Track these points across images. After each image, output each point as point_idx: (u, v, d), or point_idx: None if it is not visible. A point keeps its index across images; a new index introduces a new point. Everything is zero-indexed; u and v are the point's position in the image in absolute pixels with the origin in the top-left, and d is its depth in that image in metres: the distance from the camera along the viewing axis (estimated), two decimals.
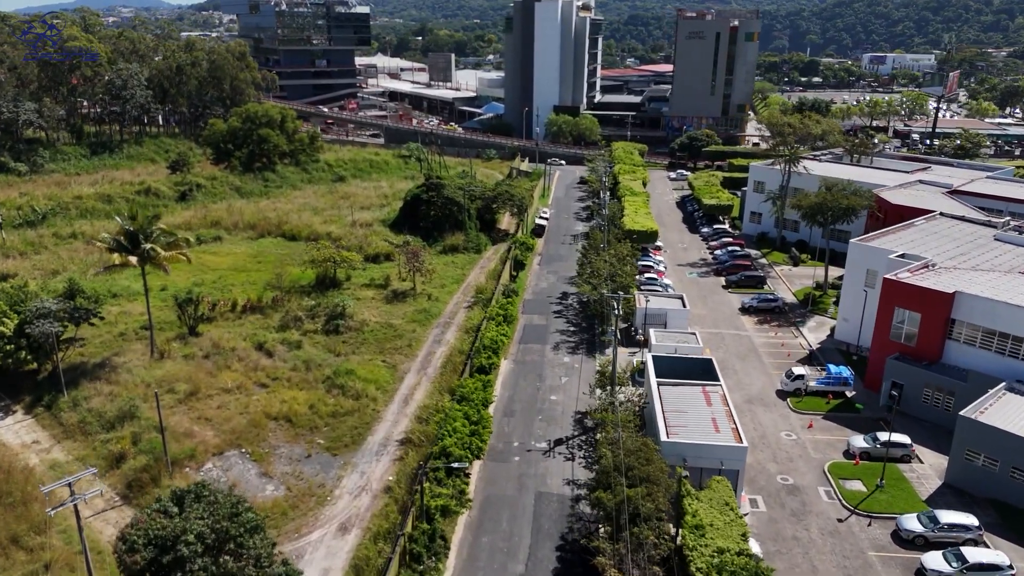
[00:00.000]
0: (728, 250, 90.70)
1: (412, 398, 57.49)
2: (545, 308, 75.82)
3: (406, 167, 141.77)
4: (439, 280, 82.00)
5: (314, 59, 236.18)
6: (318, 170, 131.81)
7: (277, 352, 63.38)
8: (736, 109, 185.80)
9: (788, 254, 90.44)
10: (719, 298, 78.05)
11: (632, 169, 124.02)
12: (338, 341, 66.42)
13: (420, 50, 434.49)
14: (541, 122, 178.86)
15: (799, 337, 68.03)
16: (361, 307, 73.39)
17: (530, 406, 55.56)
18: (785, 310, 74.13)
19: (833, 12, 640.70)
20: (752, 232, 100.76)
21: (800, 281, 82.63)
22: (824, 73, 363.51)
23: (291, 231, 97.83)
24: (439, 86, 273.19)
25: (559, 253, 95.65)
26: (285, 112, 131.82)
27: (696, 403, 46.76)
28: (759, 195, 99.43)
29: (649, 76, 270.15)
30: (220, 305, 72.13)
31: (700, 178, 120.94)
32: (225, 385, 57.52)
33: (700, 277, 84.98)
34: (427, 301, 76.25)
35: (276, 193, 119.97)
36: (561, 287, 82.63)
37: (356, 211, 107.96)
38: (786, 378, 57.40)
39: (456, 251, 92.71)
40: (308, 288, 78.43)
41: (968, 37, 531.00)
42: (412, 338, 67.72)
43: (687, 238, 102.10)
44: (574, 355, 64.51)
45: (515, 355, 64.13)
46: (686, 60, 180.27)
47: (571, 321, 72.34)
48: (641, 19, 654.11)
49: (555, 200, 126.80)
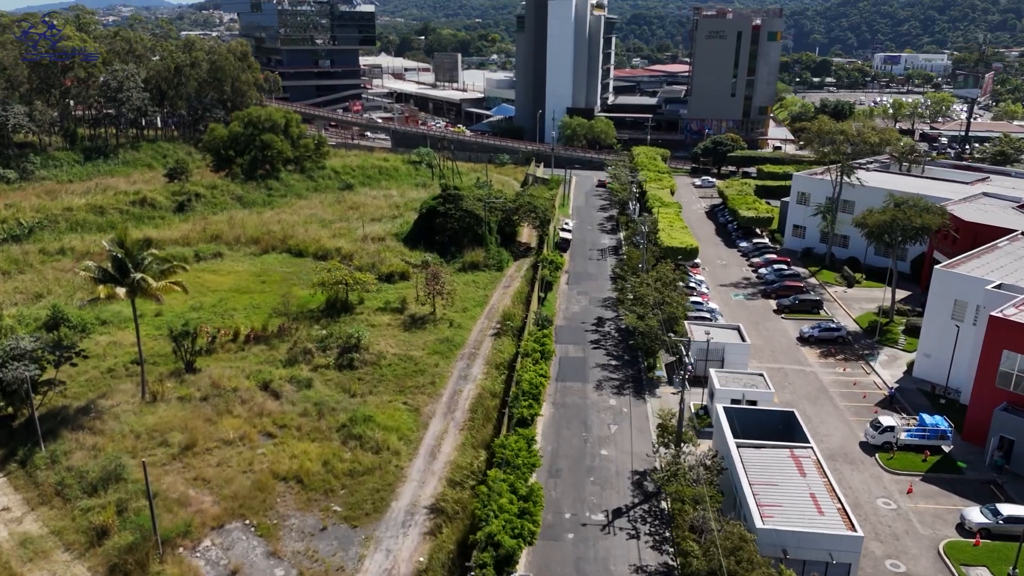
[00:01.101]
0: (774, 268, 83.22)
1: (440, 450, 50.06)
2: (580, 337, 68.37)
3: (416, 174, 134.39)
4: (460, 302, 74.61)
5: (317, 59, 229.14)
6: (324, 177, 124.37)
7: (285, 393, 55.98)
8: (758, 112, 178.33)
9: (840, 273, 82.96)
10: (772, 325, 70.62)
11: (658, 177, 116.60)
12: (353, 378, 59.05)
13: (423, 50, 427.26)
14: (554, 125, 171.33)
15: (872, 374, 60.57)
16: (377, 336, 66.01)
17: (578, 463, 48.10)
18: (849, 340, 66.67)
19: (837, 11, 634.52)
20: (795, 247, 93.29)
21: (858, 305, 75.18)
22: (837, 73, 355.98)
23: (297, 246, 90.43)
24: (445, 87, 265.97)
25: (587, 271, 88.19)
26: (289, 116, 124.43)
27: (787, 472, 39.32)
28: (803, 207, 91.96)
29: (661, 76, 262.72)
30: (221, 335, 64.74)
31: (732, 186, 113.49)
32: (226, 436, 50.11)
33: (747, 299, 77.50)
34: (449, 328, 68.86)
35: (280, 203, 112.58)
36: (594, 311, 75.17)
37: (367, 223, 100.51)
38: (872, 429, 49.95)
39: (476, 268, 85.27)
40: (317, 313, 71.06)
41: (975, 37, 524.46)
42: (435, 374, 60.33)
43: (724, 253, 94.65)
44: (620, 396, 57.07)
45: (553, 396, 56.70)
46: (705, 60, 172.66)
47: (611, 353, 64.89)
48: (644, 18, 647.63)
49: (575, 209, 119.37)
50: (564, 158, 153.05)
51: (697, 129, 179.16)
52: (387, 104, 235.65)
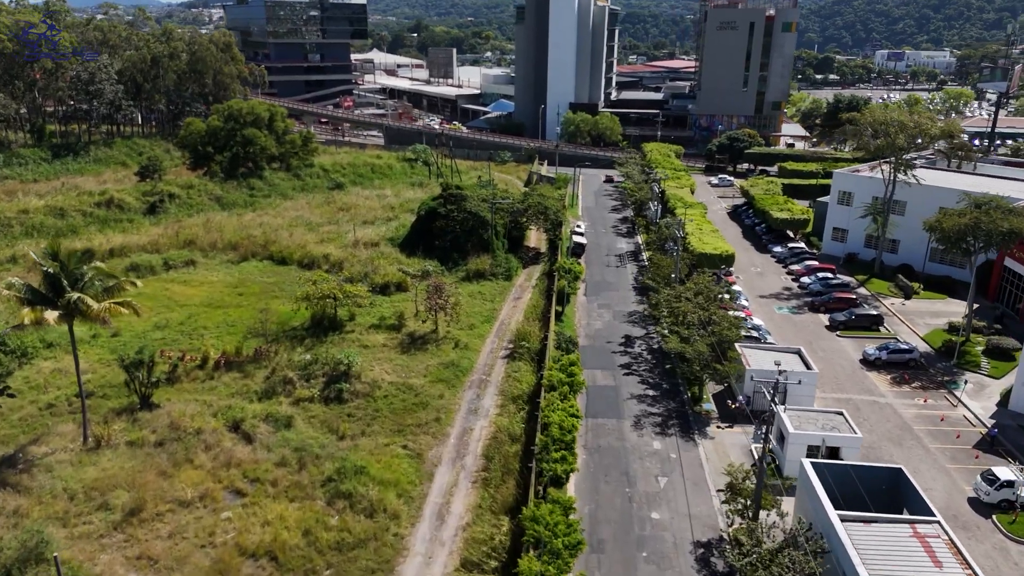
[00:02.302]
0: (819, 277, 73.76)
1: (449, 511, 40.32)
2: (608, 360, 58.70)
3: (412, 172, 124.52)
4: (466, 318, 64.90)
5: (307, 54, 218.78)
6: (312, 176, 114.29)
7: (259, 435, 46.12)
8: (771, 107, 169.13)
9: (894, 283, 73.61)
10: (828, 345, 61.13)
11: (676, 175, 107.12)
12: (342, 414, 49.29)
13: (416, 47, 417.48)
14: (558, 121, 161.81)
15: (959, 406, 51.13)
16: (370, 359, 56.27)
17: (624, 532, 38.39)
18: (923, 364, 57.27)
19: (832, 10, 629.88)
20: (835, 252, 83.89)
21: (922, 321, 65.83)
22: (840, 71, 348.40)
23: (280, 253, 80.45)
24: (440, 83, 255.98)
25: (606, 279, 78.54)
26: (274, 110, 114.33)
27: (915, 560, 29.77)
28: (845, 208, 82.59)
29: (663, 72, 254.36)
30: (185, 360, 54.81)
31: (757, 185, 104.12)
32: (183, 495, 40.26)
33: (793, 314, 68.01)
34: (454, 349, 59.15)
35: (263, 203, 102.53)
36: (620, 327, 65.53)
37: (358, 226, 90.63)
38: (985, 484, 40.52)
39: (482, 277, 75.51)
40: (301, 332, 61.24)
41: (971, 35, 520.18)
42: (440, 408, 50.57)
43: (757, 260, 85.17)
44: (664, 437, 47.40)
45: (584, 437, 46.99)
46: (716, 53, 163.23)
47: (646, 380, 55.24)
48: (638, 17, 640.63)
49: (585, 210, 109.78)
50: (568, 155, 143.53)
51: (707, 125, 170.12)
52: (379, 100, 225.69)
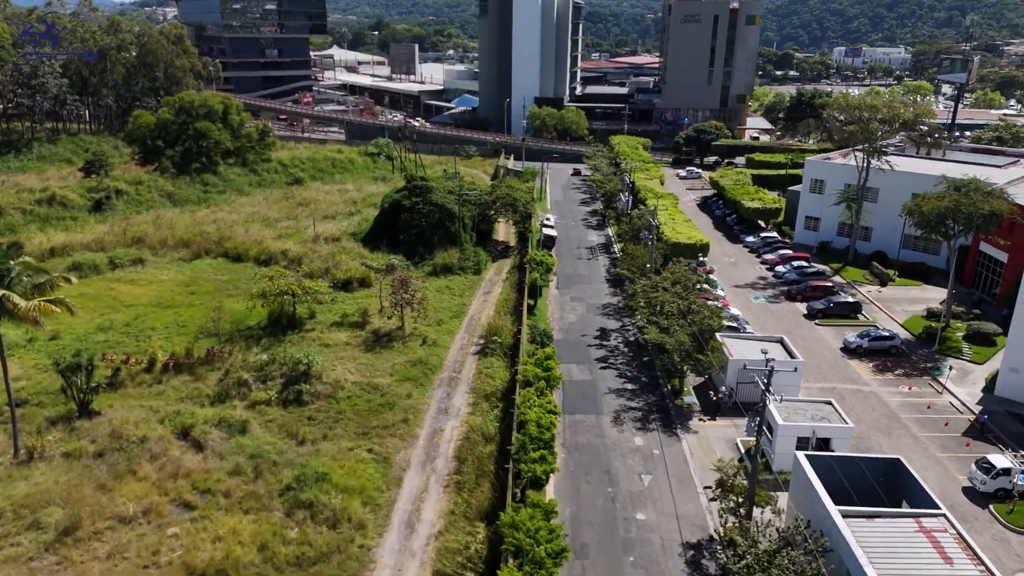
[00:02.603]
0: (794, 266, 72.34)
1: (419, 518, 37.30)
2: (583, 354, 56.17)
3: (375, 166, 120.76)
4: (433, 313, 61.83)
5: (264, 48, 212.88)
6: (270, 171, 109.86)
7: (211, 442, 42.50)
8: (736, 100, 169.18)
9: (868, 270, 72.53)
10: (808, 334, 59.49)
11: (645, 167, 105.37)
12: (302, 417, 45.91)
13: (377, 44, 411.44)
14: (524, 114, 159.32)
15: (944, 393, 49.74)
16: (332, 358, 52.91)
17: (608, 535, 35.79)
18: (904, 351, 55.92)
19: (789, 9, 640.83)
20: (808, 241, 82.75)
21: (900, 308, 64.69)
22: (800, 67, 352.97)
23: (236, 249, 76.32)
24: (402, 79, 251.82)
25: (578, 272, 76.12)
26: (229, 102, 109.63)
27: (924, 557, 27.71)
28: (817, 196, 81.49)
29: (627, 68, 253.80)
30: (130, 364, 50.78)
31: (727, 176, 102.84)
32: (124, 510, 36.55)
33: (770, 303, 66.37)
34: (422, 346, 56.06)
35: (218, 200, 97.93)
36: (594, 320, 63.12)
37: (318, 222, 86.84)
38: (979, 472, 38.92)
39: (450, 272, 72.50)
40: (257, 332, 57.57)
41: (923, 33, 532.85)
42: (407, 408, 47.48)
43: (730, 250, 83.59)
44: (646, 432, 44.99)
45: (562, 435, 44.33)
46: (680, 47, 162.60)
47: (624, 374, 52.83)
48: (599, 16, 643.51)
49: (554, 204, 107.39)
50: (534, 150, 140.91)
51: (673, 119, 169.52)
52: (340, 97, 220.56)
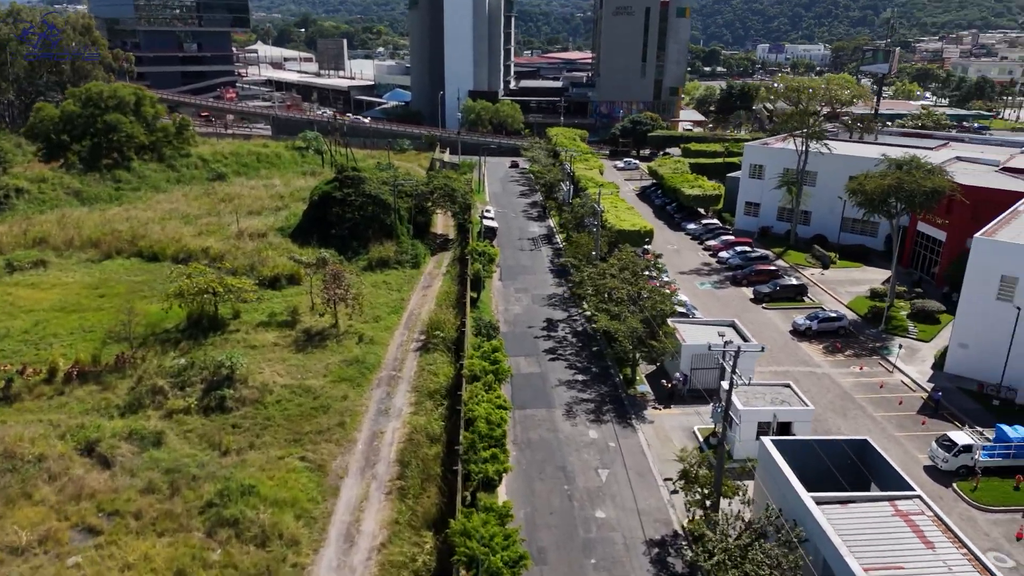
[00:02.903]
0: (737, 251, 71.55)
1: (360, 530, 33.86)
2: (531, 345, 53.49)
3: (303, 161, 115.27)
4: (370, 309, 58.13)
5: (182, 43, 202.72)
6: (189, 167, 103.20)
7: (120, 457, 37.92)
8: (669, 92, 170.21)
9: (810, 253, 72.37)
10: (756, 317, 58.39)
11: (584, 157, 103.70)
12: (225, 425, 41.71)
13: (304, 42, 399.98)
14: (459, 106, 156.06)
15: (895, 372, 49.14)
16: (259, 361, 48.74)
17: (567, 536, 33.13)
18: (852, 331, 55.36)
19: (712, 9, 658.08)
20: (749, 227, 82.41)
21: (844, 289, 64.47)
22: (727, 63, 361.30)
23: (151, 248, 70.51)
24: (331, 75, 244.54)
25: (521, 263, 73.50)
26: (141, 93, 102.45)
27: (906, 543, 26.02)
28: (757, 181, 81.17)
29: (560, 63, 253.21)
30: (27, 374, 45.36)
31: (665, 165, 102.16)
32: (16, 539, 31.84)
33: (716, 288, 65.17)
34: (358, 345, 52.35)
35: (132, 197, 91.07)
36: (540, 311, 60.57)
37: (243, 217, 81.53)
38: (941, 450, 37.98)
39: (387, 266, 68.76)
40: (175, 335, 52.72)
41: (839, 31, 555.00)
42: (344, 410, 43.82)
43: (671, 238, 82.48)
44: (600, 424, 42.60)
45: (512, 431, 41.49)
46: (613, 39, 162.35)
47: (574, 365, 50.39)
48: (529, 15, 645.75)
49: (493, 196, 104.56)
50: (471, 144, 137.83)
51: (607, 112, 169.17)
52: (266, 93, 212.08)
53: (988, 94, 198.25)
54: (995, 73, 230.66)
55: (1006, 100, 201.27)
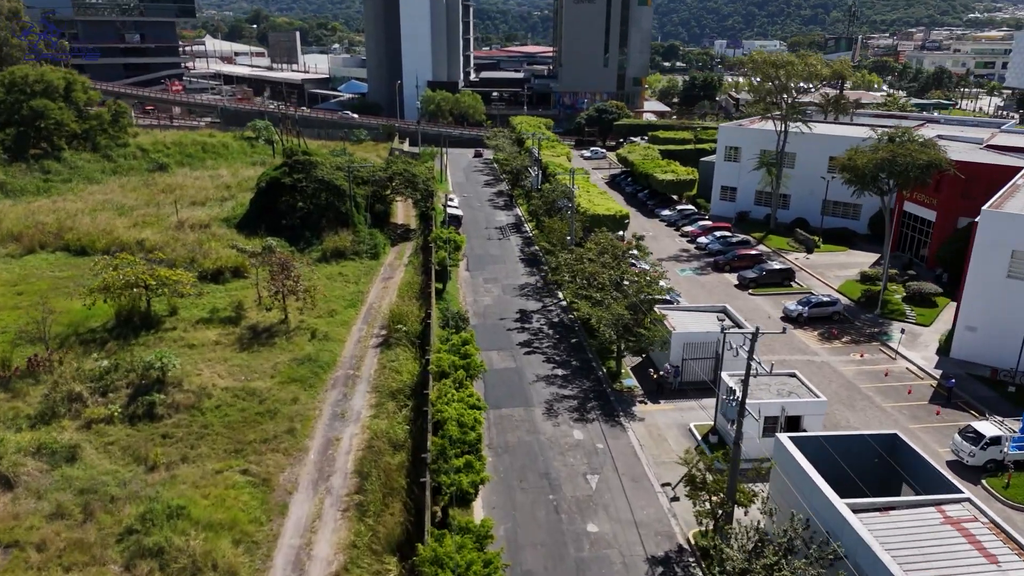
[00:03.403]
0: (716, 236, 67.80)
1: (312, 555, 28.65)
2: (504, 339, 48.64)
3: (252, 152, 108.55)
4: (324, 303, 52.67)
5: (123, 33, 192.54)
6: (127, 157, 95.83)
7: (24, 476, 31.99)
8: (632, 83, 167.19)
9: (792, 238, 68.99)
10: (744, 304, 54.45)
11: (552, 144, 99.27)
12: (154, 435, 35.99)
13: (257, 38, 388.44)
14: (418, 95, 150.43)
15: (898, 359, 45.60)
16: (197, 361, 43.07)
17: (558, 558, 28.37)
18: (847, 317, 51.81)
19: (668, 7, 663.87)
20: (725, 213, 78.84)
21: (832, 273, 61.09)
22: (687, 58, 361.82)
23: (79, 241, 63.78)
24: (284, 69, 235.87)
25: (489, 252, 68.60)
26: (72, 78, 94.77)
27: (964, 556, 21.89)
28: (733, 164, 77.66)
29: (520, 57, 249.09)
30: None
31: (635, 151, 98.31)
32: None
33: (697, 275, 61.19)
34: (311, 341, 46.95)
35: (62, 189, 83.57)
36: (513, 301, 55.76)
37: (185, 208, 75.05)
38: (965, 443, 34.25)
39: (343, 257, 63.26)
40: (102, 333, 46.57)
41: (791, 29, 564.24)
42: (294, 415, 38.45)
43: (646, 224, 78.46)
44: (585, 424, 37.98)
45: (486, 433, 36.60)
46: (575, 28, 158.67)
47: (552, 359, 45.71)
48: (487, 13, 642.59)
49: (457, 186, 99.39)
50: (431, 135, 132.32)
51: (571, 103, 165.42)
52: (215, 86, 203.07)
53: (946, 84, 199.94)
54: (949, 65, 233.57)
55: (962, 91, 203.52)
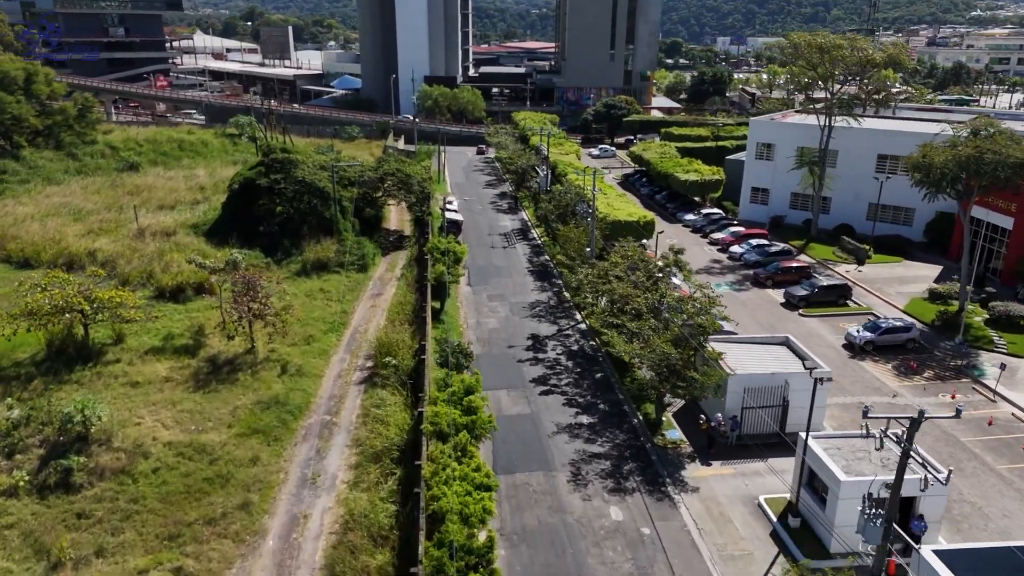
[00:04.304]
0: (752, 245, 59.56)
1: None
2: (515, 373, 40.34)
3: (235, 149, 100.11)
4: (301, 327, 44.45)
5: (107, 27, 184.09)
6: (95, 155, 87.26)
7: None
8: (640, 78, 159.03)
9: (838, 247, 60.79)
10: (795, 328, 46.16)
11: (559, 142, 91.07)
12: (68, 514, 27.76)
13: (251, 35, 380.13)
14: (414, 89, 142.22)
15: (999, 401, 37.36)
16: (139, 405, 34.83)
17: None
18: (924, 345, 43.58)
19: (667, 6, 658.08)
20: (756, 217, 70.54)
21: (892, 289, 52.86)
22: (690, 55, 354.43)
23: (22, 251, 55.34)
24: (276, 65, 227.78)
25: (494, 263, 60.32)
26: (33, 68, 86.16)
27: None
28: (767, 163, 69.42)
29: (520, 52, 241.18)
30: None
31: (650, 149, 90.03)
32: None
33: (735, 291, 52.97)
34: (281, 378, 38.69)
35: (18, 191, 74.94)
36: (522, 324, 47.49)
37: (152, 213, 66.73)
38: None
39: (325, 270, 54.93)
40: (28, 368, 38.29)
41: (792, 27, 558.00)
42: (251, 481, 30.19)
43: (668, 230, 69.95)
44: (623, 496, 29.71)
45: (497, 507, 28.28)
46: (580, 22, 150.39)
47: (574, 400, 37.43)
48: (484, 11, 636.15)
49: (456, 187, 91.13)
50: (428, 132, 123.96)
51: (575, 99, 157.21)
52: (203, 82, 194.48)
53: (964, 80, 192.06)
54: (964, 60, 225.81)
55: (980, 88, 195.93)
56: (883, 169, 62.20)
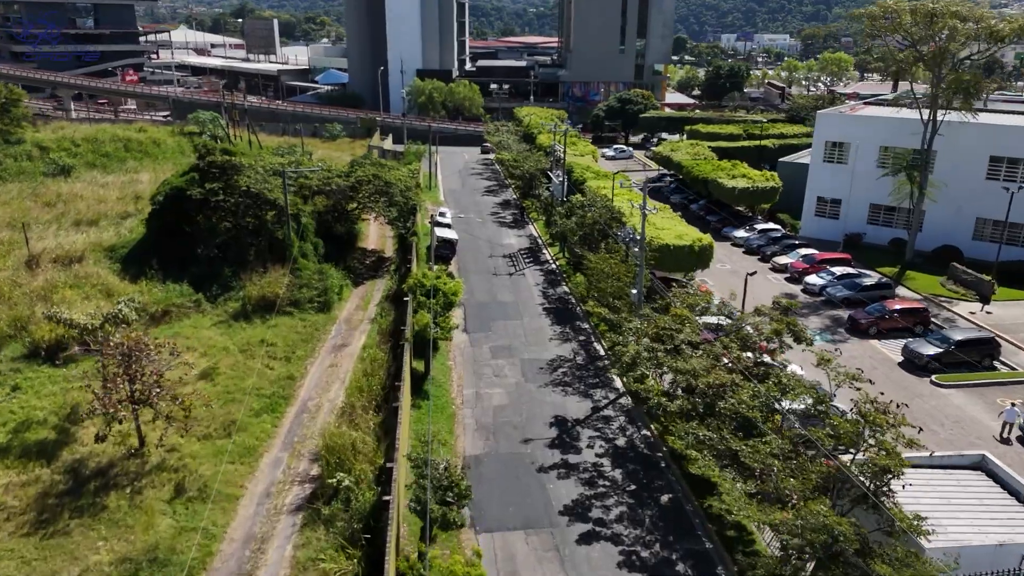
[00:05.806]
0: (838, 276, 45.55)
1: None
2: (536, 499, 26.19)
3: (193, 150, 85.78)
4: (221, 410, 30.49)
5: (74, 18, 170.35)
6: (19, 157, 72.99)
7: None
8: (652, 72, 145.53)
9: (947, 276, 46.81)
10: (932, 406, 32.11)
11: (572, 142, 77.04)
12: None
13: (240, 31, 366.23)
14: (403, 82, 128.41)
15: None
16: None
17: None
18: None
19: None
20: (824, 234, 56.49)
21: None
22: (695, 51, 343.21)
23: None
24: (260, 60, 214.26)
25: (498, 297, 46.20)
26: None
27: None
28: (836, 166, 55.45)
29: (520, 47, 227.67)
30: None
31: (680, 149, 76.05)
32: None
33: (828, 342, 38.91)
34: (171, 506, 24.69)
35: None
36: (542, 397, 33.40)
37: (65, 229, 52.70)
38: None
39: (272, 310, 40.73)
40: None
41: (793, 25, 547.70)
42: None
43: (716, 251, 56.14)
44: None
45: None
46: (588, 12, 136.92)
47: (635, 557, 23.38)
48: (481, 10, 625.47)
49: (450, 194, 77.10)
50: (420, 130, 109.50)
51: (582, 95, 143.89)
52: (180, 77, 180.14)
53: (997, 74, 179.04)
54: None
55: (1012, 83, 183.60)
56: (996, 175, 48.40)
